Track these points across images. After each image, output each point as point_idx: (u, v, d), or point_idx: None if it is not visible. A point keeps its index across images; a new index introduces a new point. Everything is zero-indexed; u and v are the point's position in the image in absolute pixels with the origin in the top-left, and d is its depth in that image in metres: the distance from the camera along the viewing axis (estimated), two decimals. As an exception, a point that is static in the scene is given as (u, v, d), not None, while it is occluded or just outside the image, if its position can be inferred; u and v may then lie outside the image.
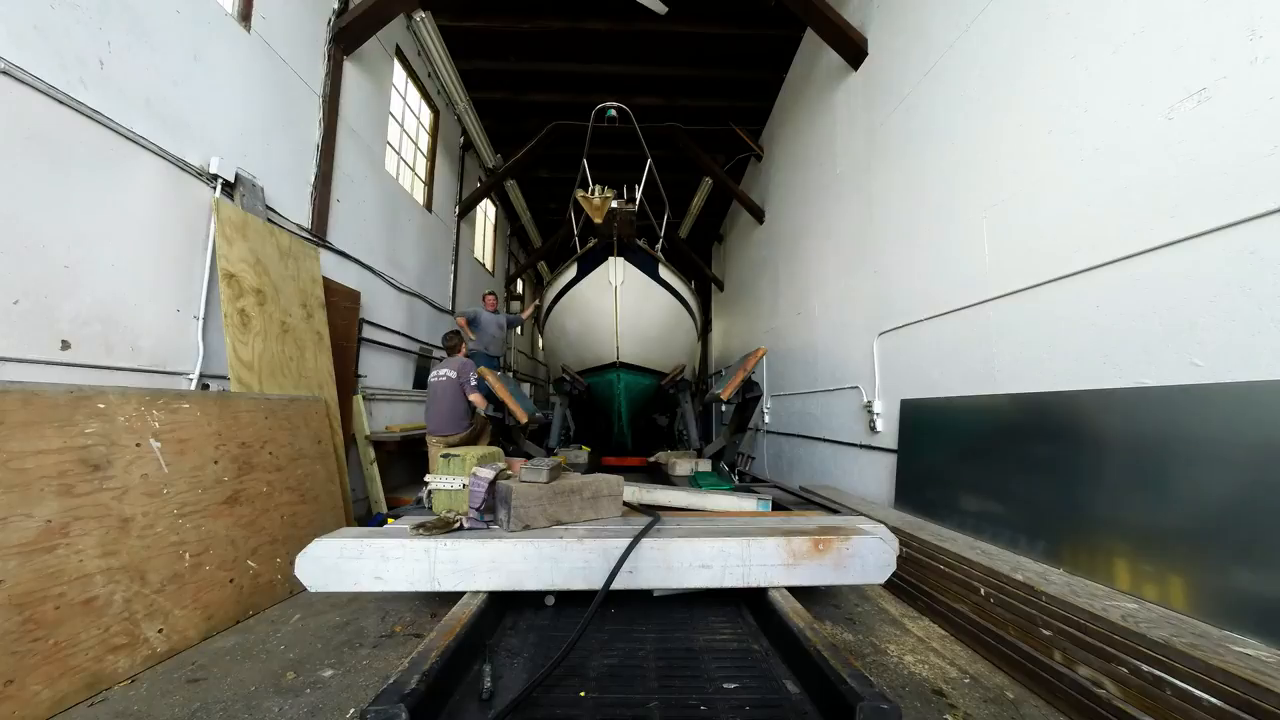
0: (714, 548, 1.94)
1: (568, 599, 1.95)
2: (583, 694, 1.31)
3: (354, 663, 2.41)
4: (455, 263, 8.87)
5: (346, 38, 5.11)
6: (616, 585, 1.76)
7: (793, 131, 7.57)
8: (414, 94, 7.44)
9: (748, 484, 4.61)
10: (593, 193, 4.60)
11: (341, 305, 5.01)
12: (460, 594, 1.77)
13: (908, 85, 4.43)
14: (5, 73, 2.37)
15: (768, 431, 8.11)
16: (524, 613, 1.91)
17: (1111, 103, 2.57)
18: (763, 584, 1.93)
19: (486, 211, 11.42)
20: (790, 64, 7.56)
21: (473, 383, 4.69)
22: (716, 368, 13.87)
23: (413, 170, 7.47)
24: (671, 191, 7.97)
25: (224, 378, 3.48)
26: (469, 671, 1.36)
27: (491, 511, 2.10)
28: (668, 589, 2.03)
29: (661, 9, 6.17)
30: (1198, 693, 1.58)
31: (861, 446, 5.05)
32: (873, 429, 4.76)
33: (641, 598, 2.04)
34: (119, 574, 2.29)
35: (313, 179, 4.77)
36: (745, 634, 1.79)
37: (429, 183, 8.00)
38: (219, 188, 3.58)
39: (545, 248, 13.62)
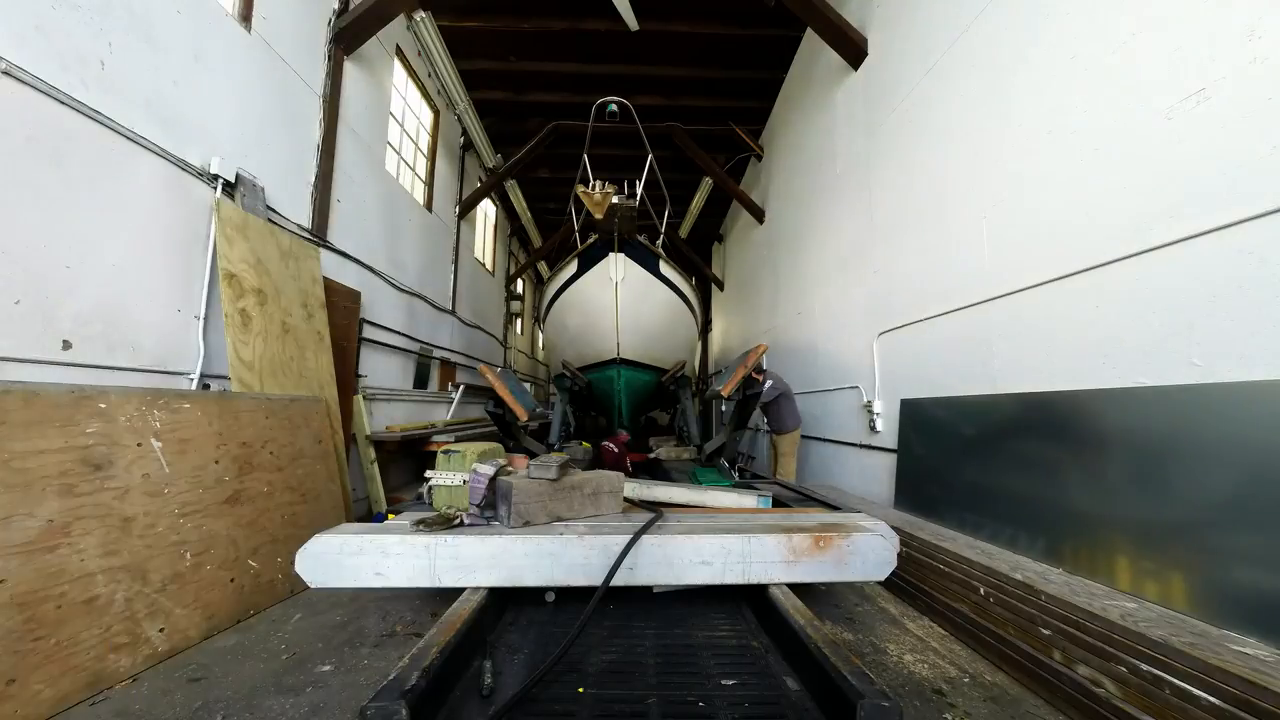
0: (715, 544, 1.94)
1: (568, 595, 1.96)
2: (582, 690, 1.31)
3: (355, 662, 2.41)
4: (455, 263, 8.88)
5: (347, 37, 5.12)
6: (616, 582, 1.76)
7: (793, 131, 7.57)
8: (414, 94, 7.45)
9: (748, 480, 4.60)
10: (594, 188, 4.59)
11: (342, 305, 5.02)
12: (460, 591, 1.78)
13: (907, 85, 4.44)
14: (6, 73, 2.37)
15: (767, 431, 8.10)
16: (524, 609, 1.91)
17: (1111, 103, 2.57)
18: (763, 580, 1.93)
19: (486, 211, 11.42)
20: (790, 64, 7.57)
21: None
22: (716, 367, 13.87)
23: (413, 170, 7.47)
24: (671, 191, 7.97)
25: (225, 378, 3.49)
26: (469, 668, 1.37)
27: (492, 508, 2.11)
28: (668, 585, 2.04)
29: (634, 24, 6.20)
30: (1196, 691, 1.59)
31: (861, 446, 5.06)
32: (872, 429, 4.77)
33: (641, 594, 2.05)
34: (120, 573, 2.30)
35: (313, 179, 4.78)
36: (745, 631, 1.80)
37: (429, 183, 8.01)
38: (220, 188, 3.59)
39: (545, 248, 13.62)
